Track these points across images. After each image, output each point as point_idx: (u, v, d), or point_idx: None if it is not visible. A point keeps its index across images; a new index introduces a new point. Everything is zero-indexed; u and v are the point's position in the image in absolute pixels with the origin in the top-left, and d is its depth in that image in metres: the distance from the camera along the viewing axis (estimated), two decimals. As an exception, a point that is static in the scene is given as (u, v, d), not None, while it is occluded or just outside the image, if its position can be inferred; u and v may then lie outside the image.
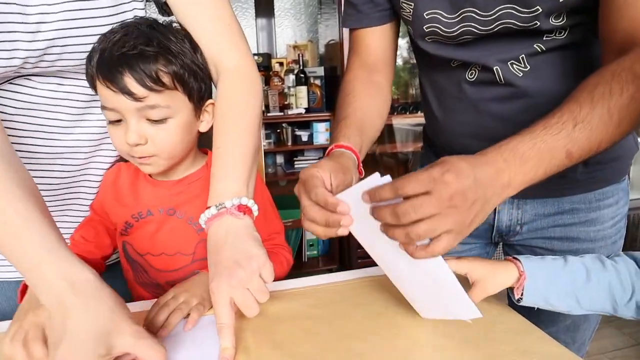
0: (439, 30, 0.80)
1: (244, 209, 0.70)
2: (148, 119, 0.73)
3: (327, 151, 0.76)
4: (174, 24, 0.78)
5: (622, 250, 0.94)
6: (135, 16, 0.76)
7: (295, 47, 2.96)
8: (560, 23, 0.72)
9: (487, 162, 0.56)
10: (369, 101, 0.87)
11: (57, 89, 0.79)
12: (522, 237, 0.95)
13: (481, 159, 0.56)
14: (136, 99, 0.70)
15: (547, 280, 0.64)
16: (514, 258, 0.67)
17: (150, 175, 0.86)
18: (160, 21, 0.76)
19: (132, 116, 0.72)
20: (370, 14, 0.89)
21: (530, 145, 0.59)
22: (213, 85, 0.84)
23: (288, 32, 3.05)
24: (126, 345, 0.55)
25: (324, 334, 0.66)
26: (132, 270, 0.89)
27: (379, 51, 0.92)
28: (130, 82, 0.69)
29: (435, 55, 0.84)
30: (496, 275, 0.65)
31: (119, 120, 0.74)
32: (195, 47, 0.77)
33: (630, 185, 0.96)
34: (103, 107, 0.74)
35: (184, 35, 0.77)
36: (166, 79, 0.72)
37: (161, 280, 0.87)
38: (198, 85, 0.77)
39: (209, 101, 0.81)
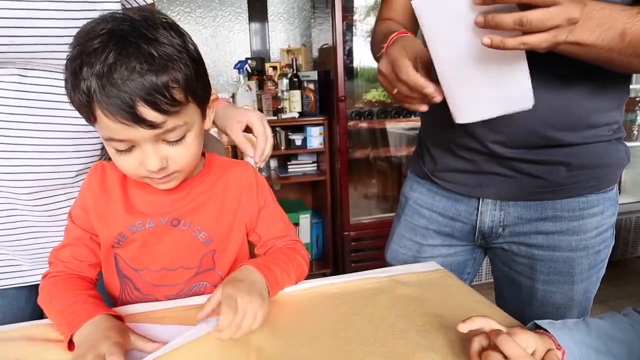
0: None
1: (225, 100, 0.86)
2: (165, 140, 0.68)
3: (390, 39, 0.82)
4: (152, 13, 0.68)
5: (612, 259, 0.94)
6: (106, 11, 0.67)
7: (288, 51, 2.97)
8: None
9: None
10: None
11: (20, 81, 0.77)
12: (504, 240, 0.95)
13: None
14: (155, 126, 0.64)
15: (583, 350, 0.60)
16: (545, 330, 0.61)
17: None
18: (137, 17, 0.66)
19: (148, 143, 0.67)
20: None
21: (600, 7, 0.64)
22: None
23: (281, 36, 3.05)
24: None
25: (325, 338, 0.66)
26: (120, 286, 0.82)
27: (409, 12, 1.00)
28: (146, 111, 0.62)
29: None
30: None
31: (129, 149, 0.68)
32: (181, 36, 0.68)
33: (622, 189, 0.96)
34: (109, 139, 0.67)
35: (167, 25, 0.67)
36: (180, 96, 0.66)
37: (159, 295, 0.81)
38: (201, 84, 0.70)
39: (212, 97, 0.76)
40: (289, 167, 2.83)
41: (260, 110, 2.68)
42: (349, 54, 2.67)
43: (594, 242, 0.89)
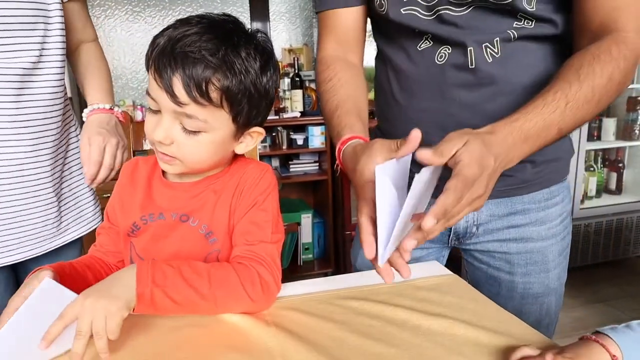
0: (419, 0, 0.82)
1: (109, 110, 1.03)
2: (182, 125, 0.71)
3: (341, 143, 0.78)
4: (259, 36, 0.74)
5: (614, 259, 0.95)
6: (224, 13, 0.74)
7: (290, 50, 2.97)
8: (532, 8, 0.77)
9: (498, 143, 0.62)
10: (354, 85, 0.90)
11: None
12: (478, 240, 0.98)
13: (492, 139, 0.62)
14: (176, 102, 0.68)
15: None
16: (600, 335, 0.58)
17: (165, 176, 0.83)
18: (245, 29, 0.73)
19: (168, 114, 0.71)
20: None
21: (532, 124, 0.65)
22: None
23: (283, 36, 3.05)
24: None
25: (350, 341, 0.66)
26: None
27: (354, 32, 0.95)
28: (176, 83, 0.67)
29: (410, 27, 0.84)
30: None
31: (157, 111, 0.73)
32: (264, 67, 0.73)
33: (623, 188, 0.99)
34: (147, 93, 0.73)
35: (261, 51, 0.72)
36: (214, 95, 0.68)
37: None
38: (249, 109, 0.73)
39: (256, 128, 0.78)
40: (291, 166, 2.84)
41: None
42: (350, 53, 2.67)
43: (558, 229, 0.95)
